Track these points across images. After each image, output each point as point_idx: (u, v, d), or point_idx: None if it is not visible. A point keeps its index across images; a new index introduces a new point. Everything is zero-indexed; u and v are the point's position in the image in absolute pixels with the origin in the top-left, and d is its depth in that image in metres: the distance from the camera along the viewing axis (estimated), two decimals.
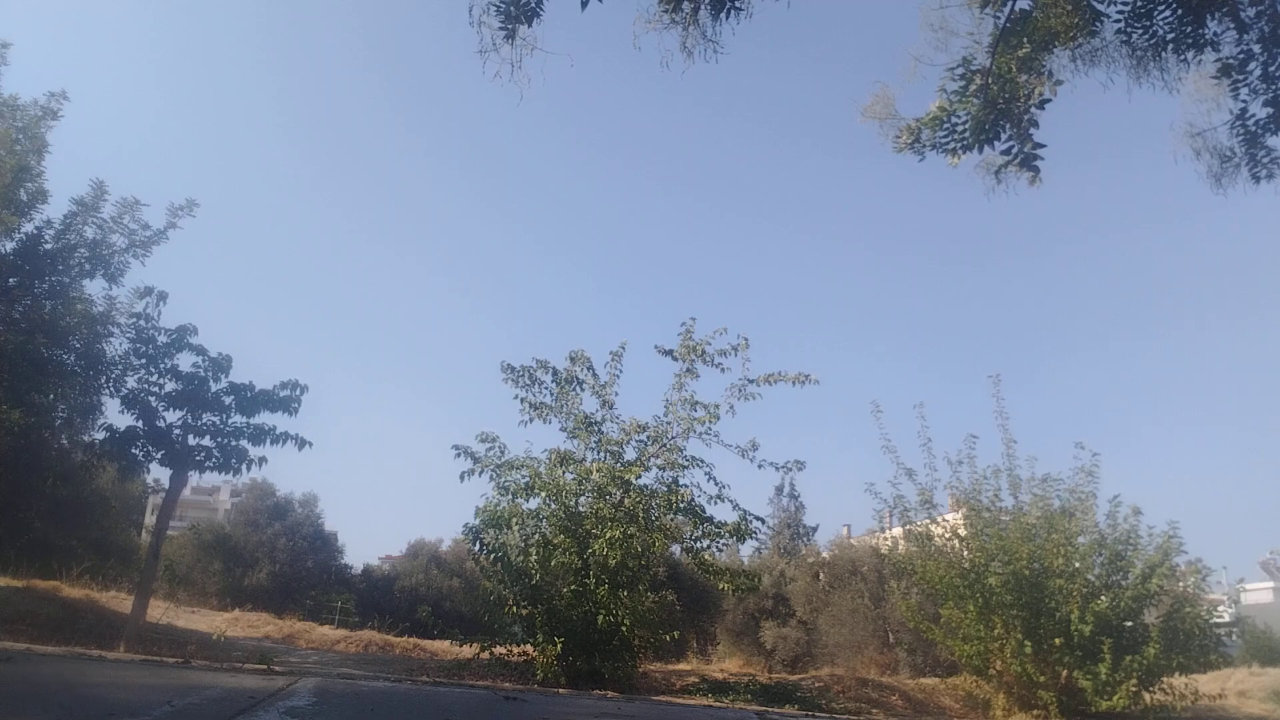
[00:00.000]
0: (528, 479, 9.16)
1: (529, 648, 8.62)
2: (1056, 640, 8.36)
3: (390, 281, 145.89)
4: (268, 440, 9.53)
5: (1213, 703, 8.96)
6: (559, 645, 8.13)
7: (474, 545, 9.10)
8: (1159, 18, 5.34)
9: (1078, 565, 8.82)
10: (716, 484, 9.33)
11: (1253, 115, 5.56)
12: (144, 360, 9.50)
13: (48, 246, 9.33)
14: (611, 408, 9.83)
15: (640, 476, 9.26)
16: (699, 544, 9.30)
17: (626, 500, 9.14)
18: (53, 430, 11.15)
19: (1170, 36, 5.38)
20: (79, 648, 7.03)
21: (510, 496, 9.17)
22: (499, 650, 8.59)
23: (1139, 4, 5.30)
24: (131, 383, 9.57)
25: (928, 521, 9.99)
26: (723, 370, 9.84)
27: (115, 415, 9.93)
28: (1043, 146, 5.24)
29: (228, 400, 9.52)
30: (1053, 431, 74.52)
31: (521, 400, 9.79)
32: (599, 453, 9.47)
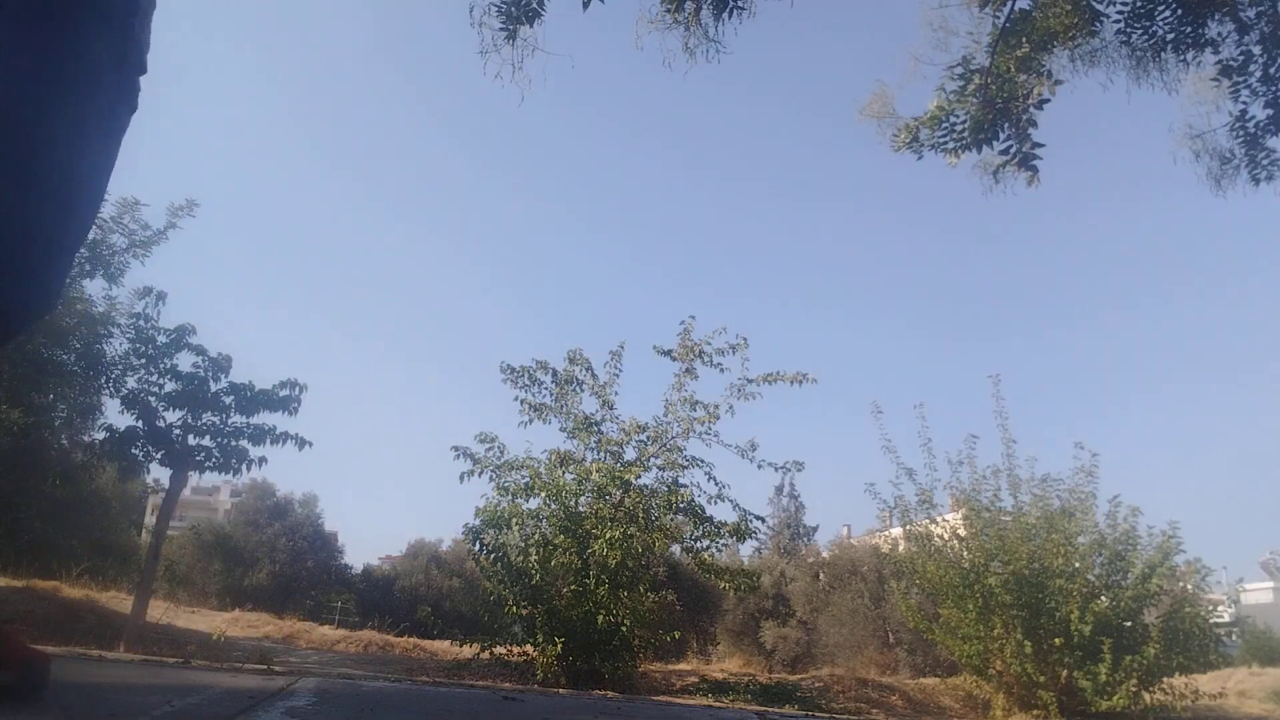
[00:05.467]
0: (528, 479, 9.16)
1: (529, 648, 8.61)
2: (1056, 640, 8.37)
3: (389, 280, 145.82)
4: (268, 440, 9.52)
5: (1213, 702, 8.96)
6: (559, 645, 8.12)
7: (474, 545, 9.09)
8: (1159, 18, 5.34)
9: (1078, 565, 8.82)
10: (716, 484, 9.32)
11: (1253, 117, 5.56)
12: (144, 360, 9.50)
13: None
14: (611, 408, 9.83)
15: (640, 477, 9.25)
16: (699, 544, 9.30)
17: (626, 500, 9.14)
18: (53, 430, 11.14)
19: (1170, 37, 5.38)
20: (79, 648, 7.01)
21: (510, 497, 9.16)
22: (499, 650, 8.58)
23: (1139, 4, 5.30)
24: (131, 383, 9.56)
25: (927, 521, 10.00)
26: (722, 370, 9.83)
27: (115, 415, 9.94)
28: (1041, 146, 5.25)
29: (228, 400, 9.52)
30: (1052, 431, 74.55)
31: (521, 401, 9.79)
32: (599, 453, 9.47)
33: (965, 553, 9.38)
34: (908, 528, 10.05)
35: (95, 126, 1.14)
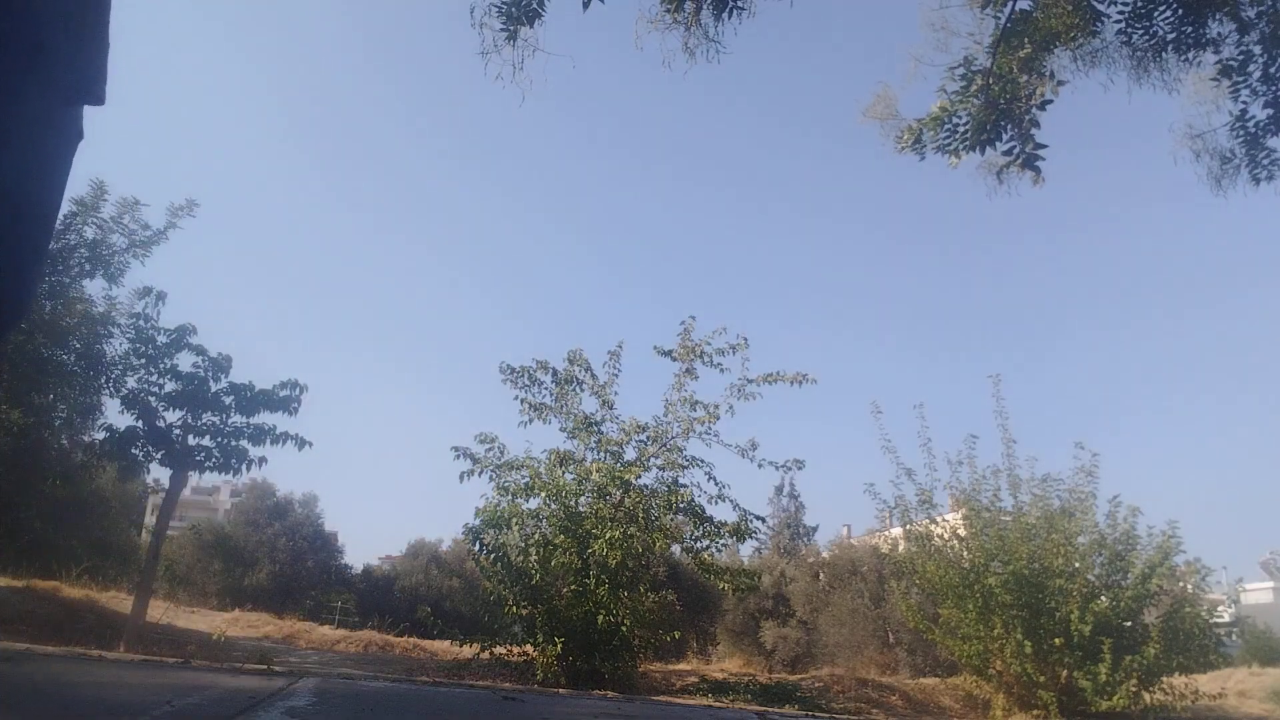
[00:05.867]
0: (527, 479, 9.17)
1: (529, 648, 8.62)
2: (1056, 640, 8.37)
3: (390, 280, 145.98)
4: (268, 440, 9.52)
5: (1213, 703, 8.96)
6: (559, 645, 8.13)
7: (474, 545, 9.10)
8: (1159, 18, 5.34)
9: (1078, 565, 8.83)
10: (716, 484, 9.33)
11: (1253, 117, 5.56)
12: (144, 360, 9.49)
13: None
14: (611, 408, 9.84)
15: (640, 476, 9.26)
16: (699, 544, 9.31)
17: (626, 500, 9.14)
18: (53, 430, 11.13)
19: (1170, 37, 5.38)
20: (79, 648, 7.02)
21: (510, 497, 9.17)
22: (499, 650, 8.59)
23: (1139, 4, 5.30)
24: (131, 383, 9.56)
25: (927, 521, 10.00)
26: (722, 370, 9.85)
27: (115, 415, 9.92)
28: (1044, 146, 5.25)
29: (228, 400, 9.52)
30: (1052, 431, 74.65)
31: (521, 401, 9.80)
32: (599, 453, 9.47)
33: (965, 553, 9.37)
34: (908, 528, 10.05)
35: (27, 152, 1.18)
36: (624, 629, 8.30)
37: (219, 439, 9.48)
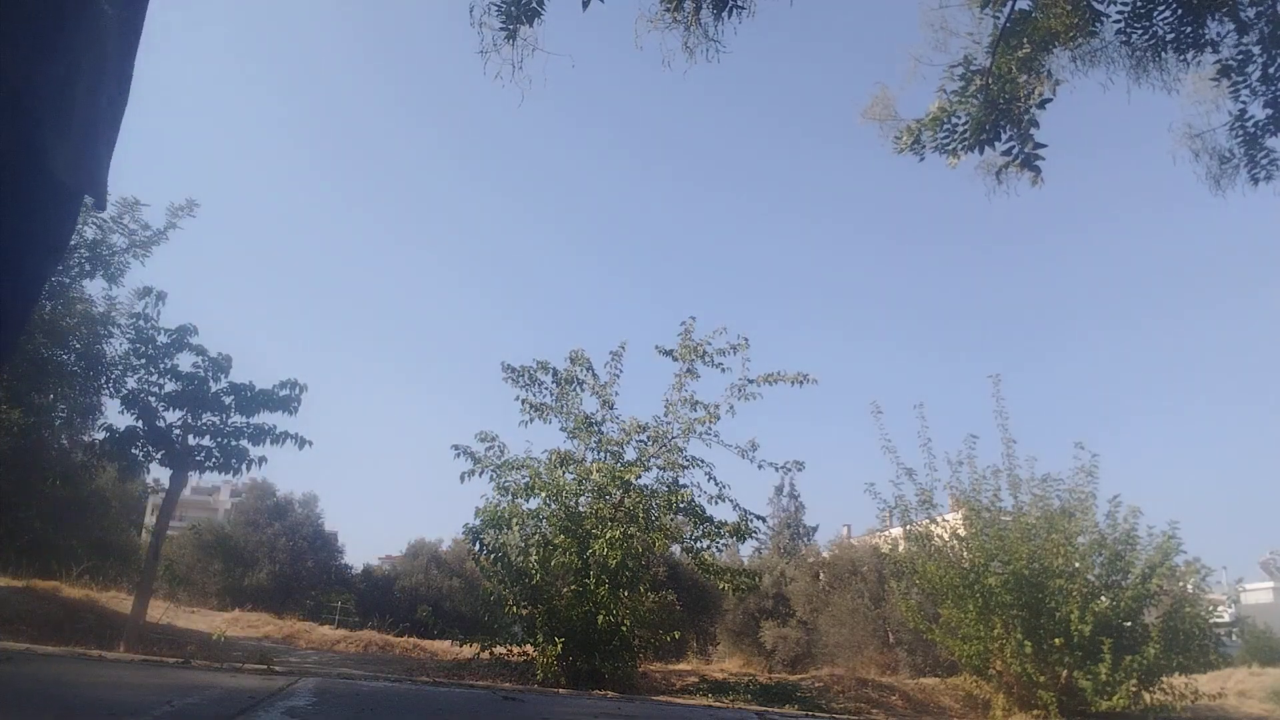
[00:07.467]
0: (528, 479, 9.17)
1: (529, 648, 8.62)
2: (1056, 640, 8.37)
3: (390, 280, 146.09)
4: (268, 440, 9.53)
5: (1213, 702, 8.96)
6: (559, 645, 8.13)
7: (474, 545, 9.10)
8: (1159, 18, 5.34)
9: (1078, 565, 8.83)
10: (717, 484, 9.34)
11: (1252, 117, 5.57)
12: (144, 360, 9.50)
13: None
14: (612, 408, 9.84)
15: (640, 476, 9.26)
16: (699, 544, 9.31)
17: (627, 500, 9.15)
18: (53, 430, 11.14)
19: (1170, 37, 5.39)
20: (79, 648, 7.02)
21: (510, 497, 9.17)
22: (499, 650, 8.59)
23: (1139, 4, 5.30)
24: (131, 383, 9.57)
25: (927, 521, 10.00)
26: (723, 370, 9.86)
27: (115, 415, 9.94)
28: (1044, 146, 5.25)
29: (228, 400, 9.52)
30: (1052, 432, 74.71)
31: (522, 400, 9.80)
32: (599, 453, 9.48)
33: (965, 553, 9.38)
34: (908, 528, 10.05)
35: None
36: (624, 629, 8.30)
37: (219, 439, 9.49)
